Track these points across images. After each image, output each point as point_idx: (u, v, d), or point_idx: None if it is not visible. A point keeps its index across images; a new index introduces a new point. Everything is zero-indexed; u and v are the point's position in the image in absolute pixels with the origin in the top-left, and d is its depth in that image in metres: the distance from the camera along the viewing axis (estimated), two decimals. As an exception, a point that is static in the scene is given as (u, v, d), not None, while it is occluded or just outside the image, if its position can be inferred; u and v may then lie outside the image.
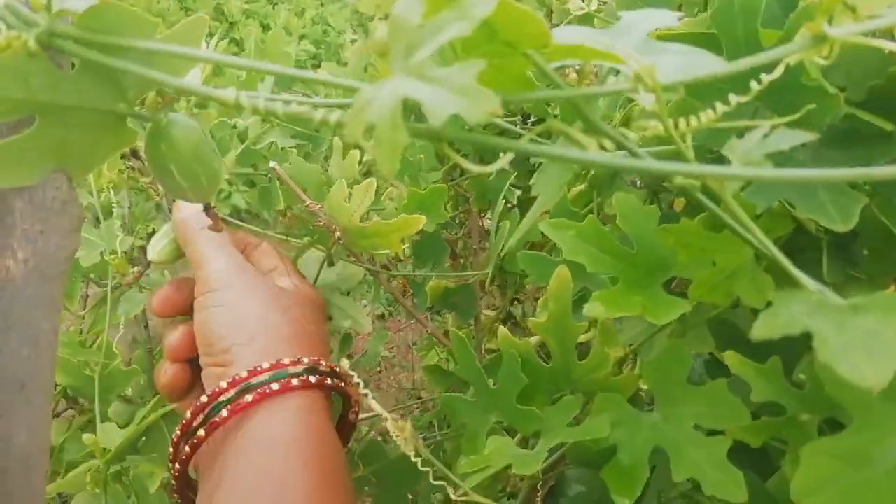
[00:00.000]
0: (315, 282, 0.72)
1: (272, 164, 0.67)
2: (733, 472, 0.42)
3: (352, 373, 0.47)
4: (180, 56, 0.29)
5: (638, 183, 0.54)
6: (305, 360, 0.47)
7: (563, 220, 0.45)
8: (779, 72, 0.29)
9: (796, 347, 0.43)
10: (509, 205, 0.80)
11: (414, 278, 1.07)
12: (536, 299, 1.16)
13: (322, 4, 2.98)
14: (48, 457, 0.37)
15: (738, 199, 0.40)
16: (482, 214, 1.18)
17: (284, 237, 0.71)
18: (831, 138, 0.37)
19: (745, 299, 0.41)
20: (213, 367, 0.47)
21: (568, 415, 0.48)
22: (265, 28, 2.65)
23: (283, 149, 0.89)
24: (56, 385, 0.67)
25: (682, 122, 0.27)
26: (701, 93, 0.35)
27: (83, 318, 0.71)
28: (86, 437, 0.57)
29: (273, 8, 2.89)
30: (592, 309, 0.43)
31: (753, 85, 0.29)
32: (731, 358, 0.41)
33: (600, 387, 0.48)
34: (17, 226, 0.30)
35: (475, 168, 0.25)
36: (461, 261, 1.19)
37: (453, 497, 0.44)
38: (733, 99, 0.28)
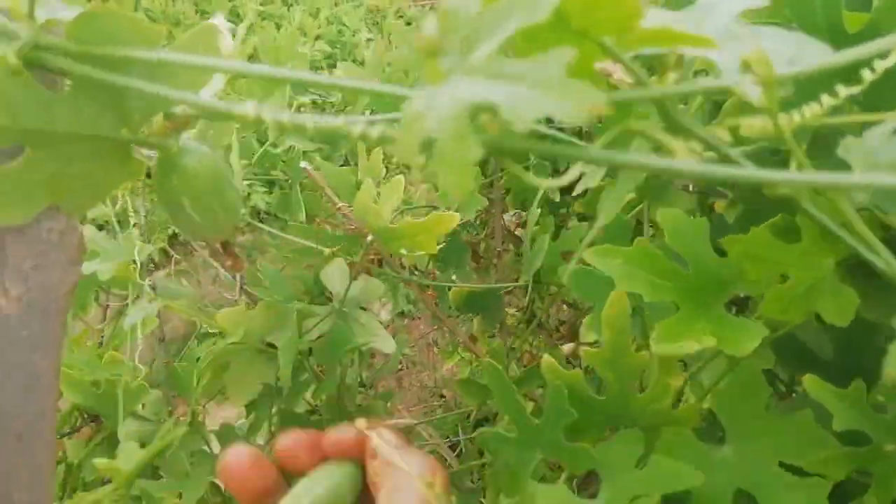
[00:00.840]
0: (344, 298, 0.68)
1: (303, 164, 0.63)
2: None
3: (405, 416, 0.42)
4: (190, 66, 0.24)
5: (690, 187, 0.49)
6: None
7: (608, 246, 0.40)
8: (893, 59, 0.24)
9: (872, 366, 0.38)
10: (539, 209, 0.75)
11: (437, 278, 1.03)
12: (561, 300, 1.11)
13: (336, 4, 2.93)
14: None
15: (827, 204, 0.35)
16: (503, 213, 1.13)
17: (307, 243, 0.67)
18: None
19: (827, 316, 0.36)
20: None
21: (631, 453, 0.42)
22: (280, 29, 2.61)
23: (304, 152, 0.85)
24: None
25: (783, 119, 0.22)
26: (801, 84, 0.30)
27: (102, 331, 0.67)
28: (98, 461, 0.53)
29: (288, 9, 2.85)
30: (659, 345, 0.38)
31: (865, 74, 0.24)
32: (811, 383, 0.36)
33: (661, 420, 0.43)
34: (7, 262, 0.26)
35: (544, 182, 0.20)
36: (484, 261, 1.14)
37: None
38: (842, 91, 0.23)
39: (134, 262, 0.60)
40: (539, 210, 0.64)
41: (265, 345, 0.67)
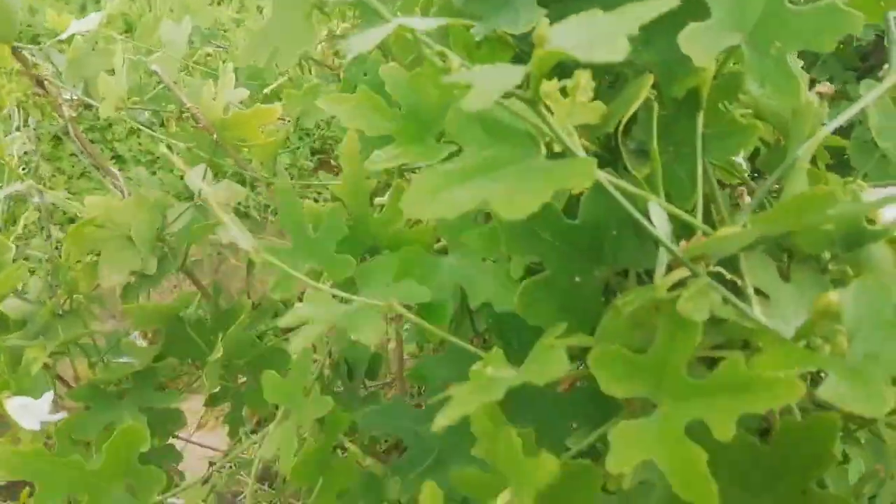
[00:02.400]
0: (199, 193, 0.78)
1: (154, 67, 0.73)
2: (514, 283, 0.47)
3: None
4: None
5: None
6: None
7: (340, 94, 0.51)
8: None
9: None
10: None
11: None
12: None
13: None
14: None
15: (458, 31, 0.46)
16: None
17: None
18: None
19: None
20: None
21: (386, 272, 0.51)
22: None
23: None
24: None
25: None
26: None
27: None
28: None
29: None
30: (375, 161, 0.48)
31: None
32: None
33: (400, 240, 0.53)
34: None
35: None
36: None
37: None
38: None
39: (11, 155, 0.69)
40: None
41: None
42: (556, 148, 0.36)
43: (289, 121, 0.80)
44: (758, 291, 0.40)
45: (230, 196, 0.80)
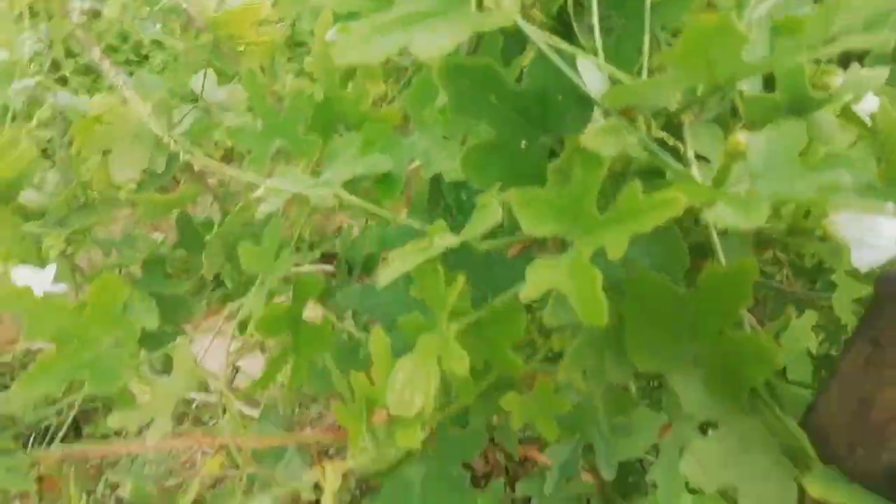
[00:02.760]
0: (201, 93, 0.81)
1: None
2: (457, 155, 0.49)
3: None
4: None
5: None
6: None
7: None
8: None
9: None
10: None
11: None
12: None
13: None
14: None
15: None
16: None
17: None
18: None
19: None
20: None
21: (351, 148, 0.55)
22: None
23: None
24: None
25: None
26: None
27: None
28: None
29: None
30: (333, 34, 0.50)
31: None
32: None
33: (367, 118, 0.55)
34: None
35: None
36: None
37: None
38: None
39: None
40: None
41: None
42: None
43: (284, 23, 0.81)
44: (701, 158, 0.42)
45: (232, 98, 0.82)
